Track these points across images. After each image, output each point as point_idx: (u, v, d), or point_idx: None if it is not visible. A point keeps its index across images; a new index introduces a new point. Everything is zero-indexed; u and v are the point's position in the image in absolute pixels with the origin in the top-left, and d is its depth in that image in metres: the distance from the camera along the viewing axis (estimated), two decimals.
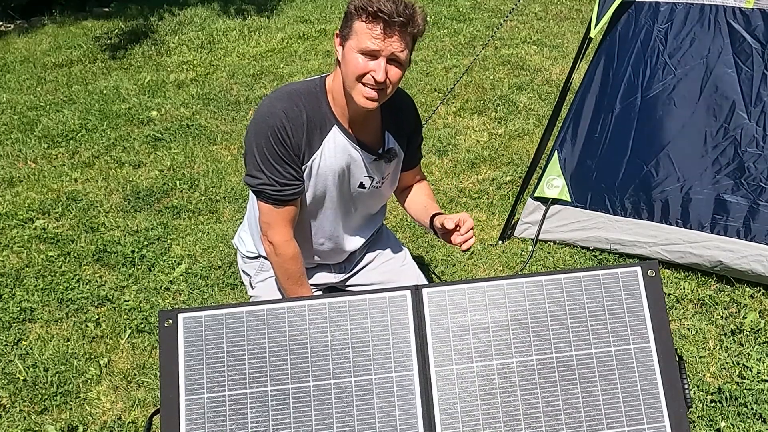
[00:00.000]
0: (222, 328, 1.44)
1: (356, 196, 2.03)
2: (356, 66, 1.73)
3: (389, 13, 1.67)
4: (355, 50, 1.73)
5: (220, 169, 3.96)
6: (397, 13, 1.67)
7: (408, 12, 1.69)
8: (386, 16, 1.67)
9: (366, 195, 2.04)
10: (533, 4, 6.59)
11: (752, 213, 2.65)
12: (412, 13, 1.71)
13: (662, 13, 2.80)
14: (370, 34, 1.70)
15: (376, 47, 1.70)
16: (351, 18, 1.73)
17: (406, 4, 1.71)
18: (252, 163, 1.86)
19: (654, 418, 1.42)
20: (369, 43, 1.70)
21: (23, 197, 3.74)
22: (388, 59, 1.73)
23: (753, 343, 2.51)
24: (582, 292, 1.48)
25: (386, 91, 1.79)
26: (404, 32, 1.72)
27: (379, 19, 1.68)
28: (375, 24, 1.69)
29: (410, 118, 2.05)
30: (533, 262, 3.06)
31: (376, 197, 2.10)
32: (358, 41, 1.72)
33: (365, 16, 1.70)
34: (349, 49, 1.75)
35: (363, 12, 1.70)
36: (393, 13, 1.67)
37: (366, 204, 2.09)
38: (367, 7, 1.68)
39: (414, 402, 1.42)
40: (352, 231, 2.12)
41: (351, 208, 2.05)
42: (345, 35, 1.76)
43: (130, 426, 2.28)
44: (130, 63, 5.85)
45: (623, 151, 2.91)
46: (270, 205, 1.88)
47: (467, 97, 4.75)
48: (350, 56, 1.74)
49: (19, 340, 2.70)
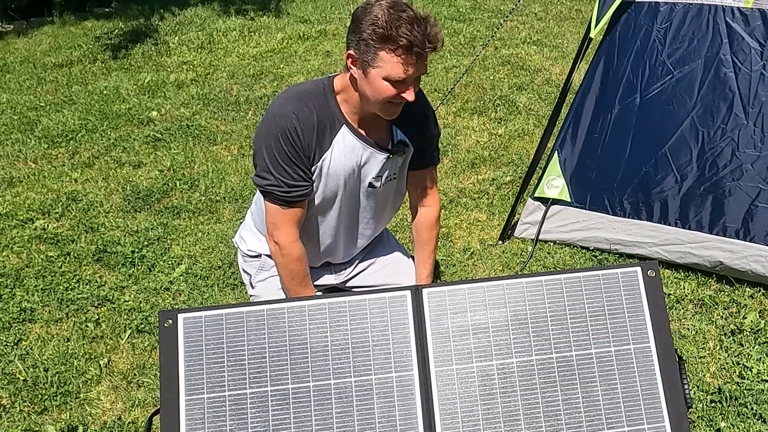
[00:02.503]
0: (222, 328, 1.44)
1: (367, 195, 2.03)
2: (387, 92, 1.74)
3: (420, 44, 1.67)
4: (382, 77, 1.72)
5: (220, 170, 3.96)
6: (428, 41, 1.67)
7: (436, 37, 1.70)
8: (419, 48, 1.67)
9: (377, 194, 2.04)
10: (533, 5, 6.59)
11: (751, 214, 2.66)
12: (437, 36, 1.71)
13: (662, 13, 2.80)
14: (403, 66, 1.69)
15: (407, 76, 1.72)
16: (374, 46, 1.70)
17: (430, 26, 1.69)
18: (261, 164, 1.86)
19: (654, 418, 1.42)
20: (401, 73, 1.71)
21: (23, 197, 3.74)
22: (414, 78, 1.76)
23: (753, 344, 2.51)
24: (582, 292, 1.48)
25: None
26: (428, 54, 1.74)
27: (411, 52, 1.67)
28: (407, 56, 1.68)
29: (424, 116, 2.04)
30: (533, 263, 3.06)
31: (386, 196, 2.09)
32: (388, 71, 1.71)
33: (395, 48, 1.67)
34: (375, 76, 1.73)
35: (390, 43, 1.67)
36: (423, 44, 1.67)
37: (376, 203, 2.08)
38: (396, 39, 1.65)
39: (414, 402, 1.42)
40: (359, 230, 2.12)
41: (360, 207, 2.05)
42: (368, 61, 1.72)
43: (130, 426, 2.28)
44: (130, 63, 5.85)
45: (622, 151, 2.91)
46: (277, 206, 1.88)
47: (467, 97, 4.75)
48: (378, 83, 1.73)
49: (19, 340, 2.70)
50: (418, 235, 2.19)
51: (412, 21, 1.66)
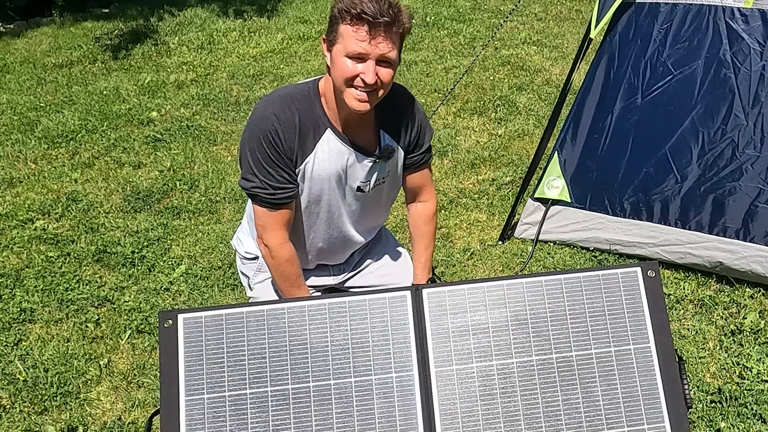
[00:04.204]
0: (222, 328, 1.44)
1: (356, 199, 2.02)
2: (345, 70, 1.71)
3: (373, 14, 1.64)
4: (343, 54, 1.70)
5: (220, 170, 3.96)
6: (381, 13, 1.64)
7: (392, 11, 1.67)
8: (370, 17, 1.64)
9: (366, 197, 2.03)
10: (533, 5, 6.59)
11: (751, 214, 2.66)
12: (396, 12, 1.68)
13: (662, 13, 2.80)
14: (356, 36, 1.67)
15: (364, 50, 1.68)
16: (335, 22, 1.71)
17: (390, 3, 1.67)
18: (246, 166, 1.86)
19: (654, 418, 1.42)
20: (356, 47, 1.68)
21: (23, 198, 3.74)
22: (377, 60, 1.71)
23: (753, 344, 2.51)
24: (582, 293, 1.48)
25: (378, 93, 1.77)
26: (390, 32, 1.69)
27: (363, 20, 1.65)
28: (360, 26, 1.66)
29: (410, 116, 2.00)
30: (533, 263, 3.06)
31: (377, 199, 2.09)
32: (345, 45, 1.69)
33: (349, 19, 1.67)
34: (336, 54, 1.72)
35: (347, 15, 1.67)
36: (377, 14, 1.64)
37: (366, 206, 2.08)
38: (350, 9, 1.65)
39: (414, 402, 1.42)
40: (351, 232, 2.11)
41: (349, 211, 2.04)
42: (331, 40, 1.73)
43: (130, 426, 2.28)
44: (130, 64, 5.85)
45: (623, 151, 2.91)
46: (264, 209, 1.88)
47: (467, 97, 4.75)
48: (338, 60, 1.72)
49: (19, 340, 2.70)
50: (415, 229, 2.20)
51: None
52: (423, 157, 2.08)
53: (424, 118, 2.05)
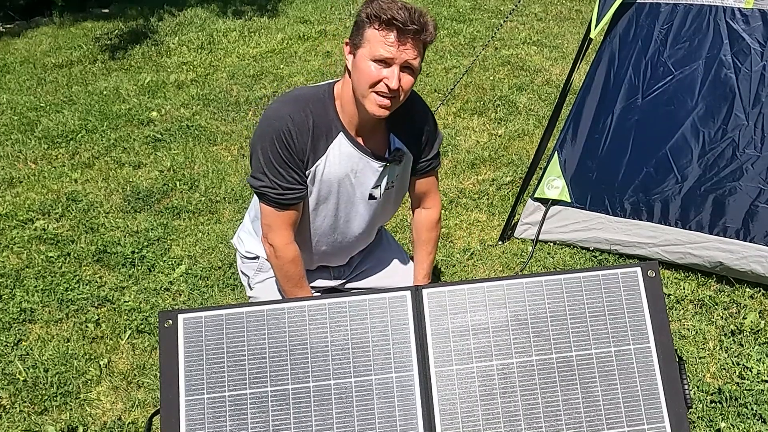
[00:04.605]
0: (222, 328, 1.44)
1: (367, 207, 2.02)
2: (369, 74, 1.73)
3: (403, 21, 1.68)
4: (368, 58, 1.72)
5: (220, 170, 3.96)
6: (411, 20, 1.68)
7: (421, 20, 1.71)
8: (400, 23, 1.68)
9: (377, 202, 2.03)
10: (533, 5, 6.59)
11: (751, 214, 2.65)
12: (424, 21, 1.72)
13: (663, 13, 2.80)
14: (384, 41, 1.70)
15: (390, 55, 1.71)
16: (362, 26, 1.73)
17: (419, 12, 1.72)
18: (256, 164, 1.86)
19: (654, 418, 1.42)
20: (382, 51, 1.71)
21: (23, 198, 3.74)
22: (402, 66, 1.74)
23: (753, 344, 2.51)
24: (582, 293, 1.48)
25: (399, 99, 1.79)
26: (417, 40, 1.73)
27: (392, 26, 1.69)
28: (388, 32, 1.70)
29: (421, 121, 2.02)
30: (533, 263, 3.06)
31: (385, 203, 2.08)
32: (371, 49, 1.72)
33: (378, 24, 1.70)
34: (361, 58, 1.74)
35: (376, 20, 1.70)
36: (407, 21, 1.68)
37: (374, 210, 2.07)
38: (380, 15, 1.69)
39: (414, 403, 1.42)
40: (356, 236, 2.11)
41: (357, 215, 2.04)
42: (356, 43, 1.76)
43: (130, 427, 2.28)
44: (130, 64, 5.85)
45: (623, 151, 2.91)
46: (272, 208, 1.88)
47: (467, 97, 4.75)
48: (363, 64, 1.74)
49: (19, 340, 2.70)
50: (418, 235, 2.20)
51: (403, 6, 1.70)
52: (431, 164, 2.08)
53: (434, 123, 2.06)
